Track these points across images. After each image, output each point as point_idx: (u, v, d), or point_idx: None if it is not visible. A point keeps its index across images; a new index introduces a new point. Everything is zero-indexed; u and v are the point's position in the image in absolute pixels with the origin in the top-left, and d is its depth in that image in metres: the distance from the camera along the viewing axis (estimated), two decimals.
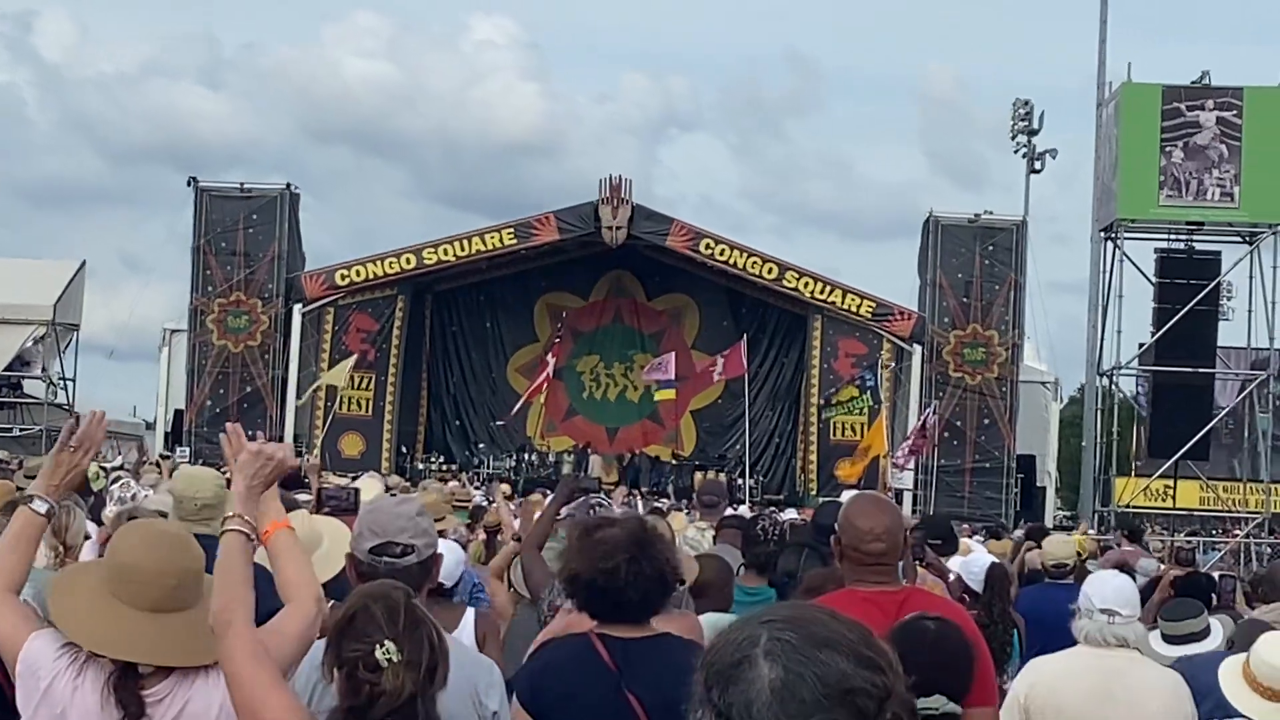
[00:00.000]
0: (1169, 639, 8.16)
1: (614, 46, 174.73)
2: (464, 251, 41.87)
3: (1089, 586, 6.93)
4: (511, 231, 41.83)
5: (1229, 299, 42.34)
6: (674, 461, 43.34)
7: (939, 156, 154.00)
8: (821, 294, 41.48)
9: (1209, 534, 41.53)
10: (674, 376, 40.47)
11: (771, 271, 41.64)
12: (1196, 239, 40.01)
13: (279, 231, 41.40)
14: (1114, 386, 41.88)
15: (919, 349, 40.74)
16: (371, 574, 4.91)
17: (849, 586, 5.84)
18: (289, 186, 42.40)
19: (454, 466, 40.93)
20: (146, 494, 13.65)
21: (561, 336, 44.21)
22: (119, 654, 4.51)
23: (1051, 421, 43.53)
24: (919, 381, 40.50)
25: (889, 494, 31.19)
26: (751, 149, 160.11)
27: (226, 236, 41.42)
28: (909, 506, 36.37)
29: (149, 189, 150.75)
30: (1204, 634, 8.25)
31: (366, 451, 40.53)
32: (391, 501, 5.78)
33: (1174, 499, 41.12)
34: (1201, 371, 39.04)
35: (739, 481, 38.72)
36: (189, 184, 42.07)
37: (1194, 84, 39.53)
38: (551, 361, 41.82)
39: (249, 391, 41.02)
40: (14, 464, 22.92)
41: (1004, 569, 10.70)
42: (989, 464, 40.62)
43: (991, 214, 42.19)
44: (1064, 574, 11.16)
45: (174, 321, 42.82)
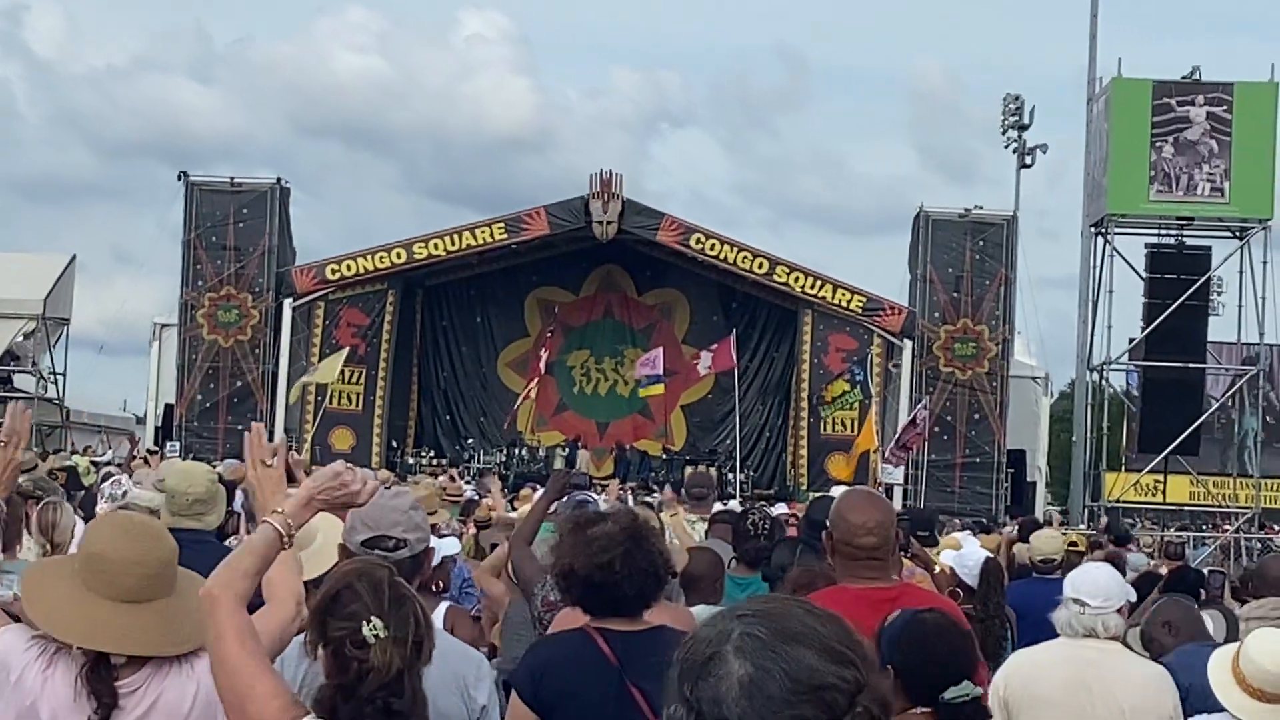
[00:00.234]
0: None
1: (605, 41, 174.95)
2: (455, 246, 41.82)
3: (1067, 578, 6.97)
4: (502, 226, 41.79)
5: (1219, 294, 42.31)
6: (664, 456, 43.32)
7: (929, 151, 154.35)
8: (812, 289, 41.46)
9: (1199, 529, 41.60)
10: (663, 371, 40.43)
11: (762, 266, 41.62)
12: (1187, 234, 40.08)
13: (269, 226, 41.37)
14: (1104, 382, 41.94)
15: (909, 344, 40.72)
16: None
17: (841, 583, 5.83)
18: (279, 181, 42.38)
19: (444, 461, 40.94)
20: (136, 489, 13.64)
21: (554, 332, 44.19)
22: (91, 644, 4.51)
23: (1042, 416, 43.54)
24: (909, 376, 40.50)
25: (879, 489, 31.18)
26: (742, 144, 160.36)
27: (217, 231, 41.38)
28: (899, 501, 36.34)
29: (139, 183, 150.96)
30: None
31: (357, 446, 40.48)
32: (385, 495, 5.77)
33: (1164, 494, 41.25)
34: (1191, 367, 39.11)
35: (729, 476, 38.72)
36: (179, 178, 42.04)
37: (1184, 79, 39.59)
38: (544, 356, 41.79)
39: (239, 386, 40.97)
40: None
41: (998, 564, 10.71)
42: (979, 459, 40.63)
43: (982, 209, 42.19)
44: (1051, 569, 11.15)
45: (164, 316, 42.75)
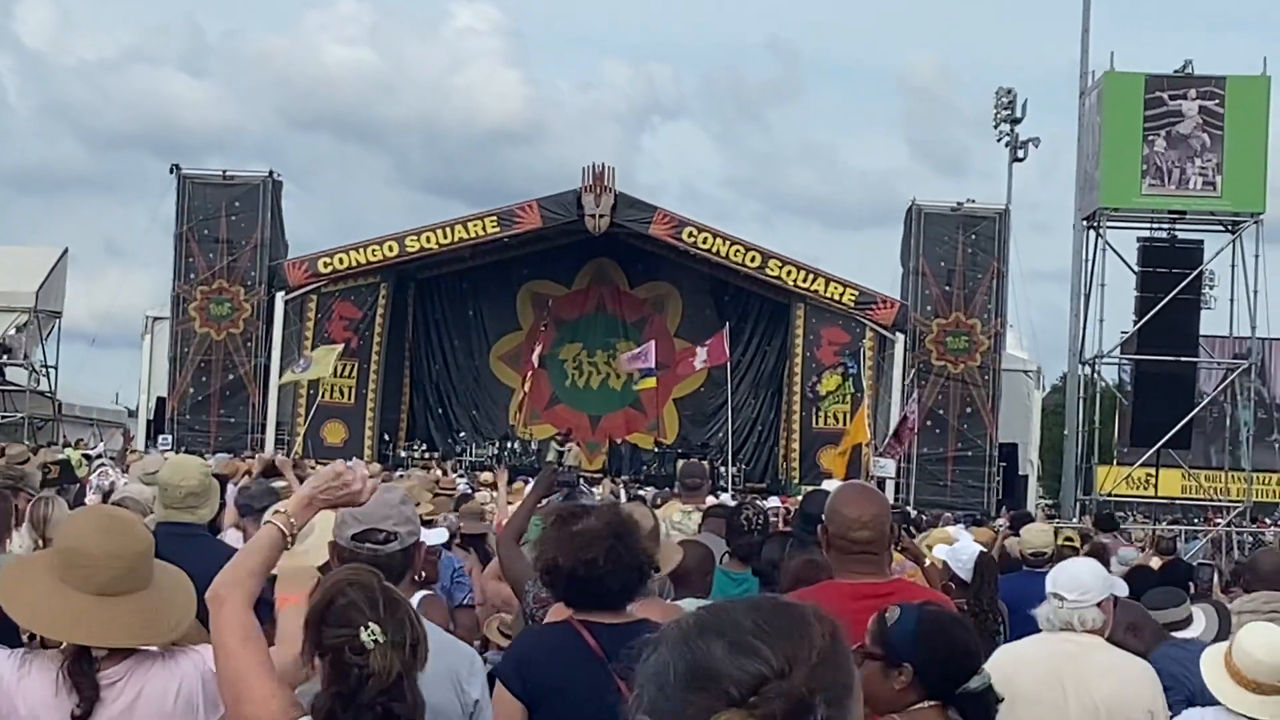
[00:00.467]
0: None
1: (596, 34, 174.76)
2: (447, 239, 41.80)
3: (1049, 573, 6.99)
4: (494, 219, 41.77)
5: (1211, 288, 42.42)
6: (656, 450, 43.31)
7: (921, 145, 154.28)
8: (804, 282, 41.46)
9: (1190, 522, 41.65)
10: (655, 364, 40.40)
11: (754, 260, 41.62)
12: (1179, 228, 40.11)
13: (261, 219, 41.35)
14: (1096, 375, 41.97)
15: (901, 337, 40.74)
16: (354, 561, 4.91)
17: (837, 577, 5.82)
18: (271, 174, 42.38)
19: (436, 454, 40.92)
20: (125, 482, 13.65)
21: (547, 325, 44.17)
22: (71, 638, 4.53)
23: (1034, 410, 43.53)
24: (901, 370, 40.51)
25: (872, 482, 31.20)
26: (734, 137, 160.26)
27: (209, 224, 41.35)
28: (891, 495, 36.38)
29: (130, 176, 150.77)
30: (1186, 622, 8.25)
31: (349, 439, 40.50)
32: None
33: (1156, 487, 41.26)
34: (1183, 360, 39.16)
35: (721, 470, 38.70)
36: (171, 171, 42.03)
37: (1176, 73, 39.60)
38: (536, 349, 41.78)
39: (231, 379, 40.96)
40: None
41: (993, 558, 10.72)
42: (971, 452, 40.65)
43: (974, 203, 42.19)
44: (1042, 562, 11.14)
45: (156, 309, 42.71)
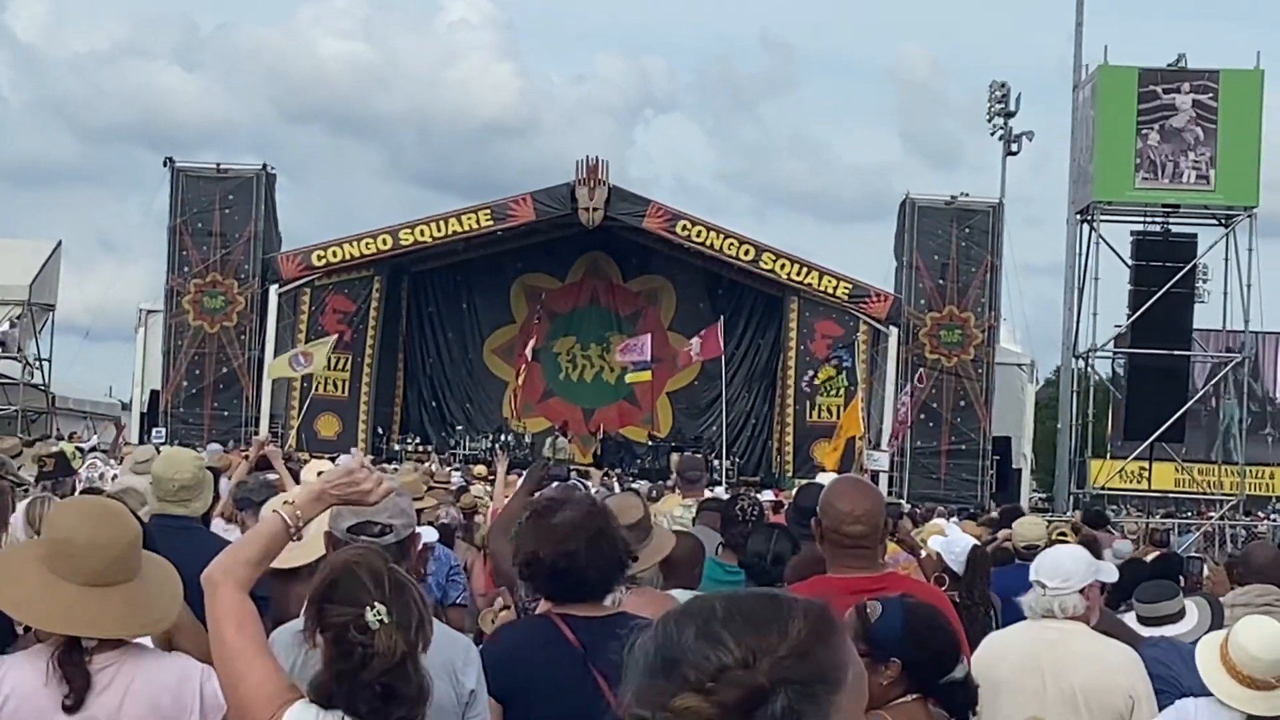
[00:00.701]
0: (1144, 620, 8.17)
1: (589, 27, 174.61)
2: (440, 232, 41.79)
3: (1034, 562, 7.04)
4: (488, 212, 41.75)
5: (1204, 282, 42.37)
6: (650, 443, 43.31)
7: (914, 139, 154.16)
8: (798, 276, 41.47)
9: (1183, 516, 41.68)
10: (649, 358, 40.39)
11: (748, 253, 41.62)
12: (1172, 222, 40.11)
13: (255, 212, 41.32)
14: (1090, 369, 42.00)
15: (895, 331, 40.74)
16: (345, 544, 4.92)
17: (830, 571, 5.84)
18: (265, 167, 42.34)
19: (430, 448, 40.90)
20: (115, 474, 13.65)
21: (540, 318, 44.16)
22: (61, 628, 4.53)
23: (1027, 403, 43.55)
24: (895, 363, 40.52)
25: (865, 475, 31.23)
26: (726, 130, 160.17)
27: (203, 217, 41.32)
28: (884, 488, 36.38)
29: (124, 169, 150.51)
30: (1179, 615, 8.26)
31: (343, 432, 40.48)
32: None
33: (1149, 481, 41.27)
34: (1177, 354, 39.16)
35: (715, 463, 38.70)
36: (165, 164, 41.97)
37: (1170, 67, 39.62)
38: (530, 343, 41.76)
39: (225, 372, 40.94)
40: None
41: (985, 551, 10.72)
42: (965, 446, 40.66)
43: (968, 196, 42.19)
44: (1034, 555, 11.15)
45: (150, 302, 42.66)
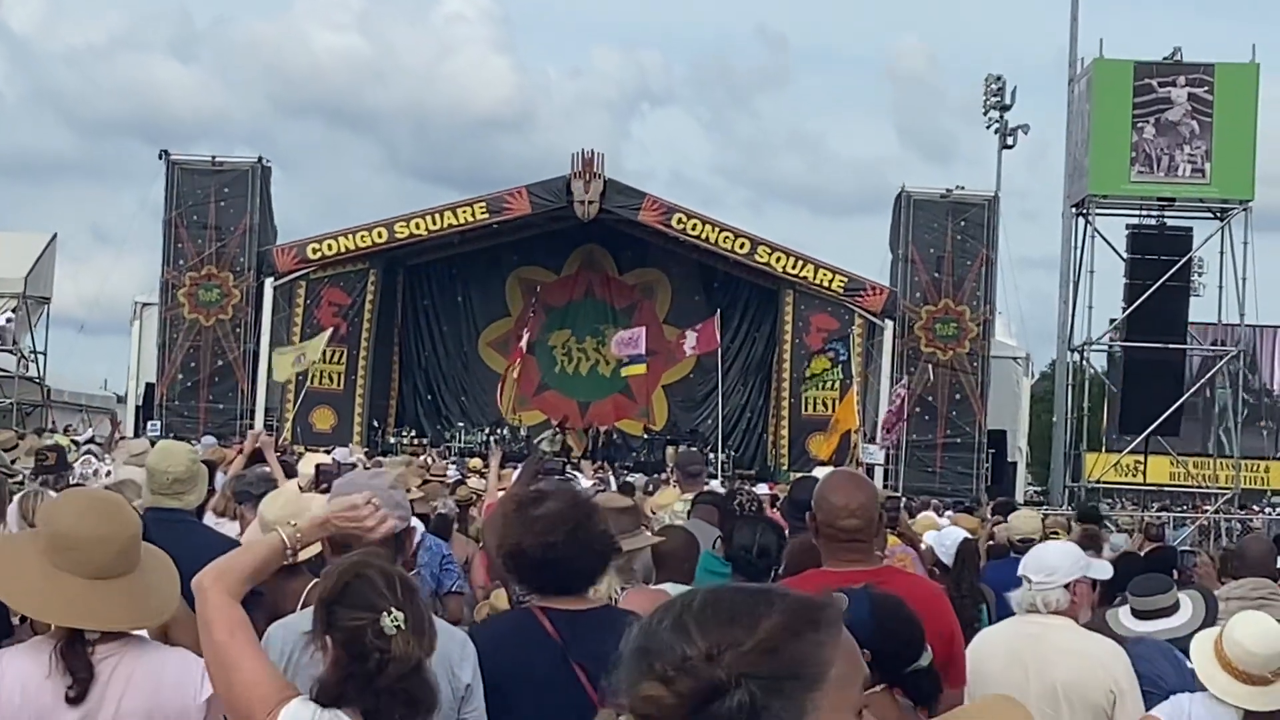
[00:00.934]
0: (1138, 614, 8.16)
1: (585, 20, 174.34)
2: (436, 225, 41.77)
3: (1025, 556, 7.06)
4: (484, 205, 41.74)
5: (1200, 275, 42.39)
6: (645, 436, 43.31)
7: (909, 132, 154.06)
8: (793, 269, 41.47)
9: (1179, 510, 41.69)
10: (644, 351, 40.38)
11: (744, 246, 41.61)
12: (1168, 215, 40.13)
13: (250, 205, 41.30)
14: (1085, 362, 42.00)
15: (890, 324, 40.76)
16: (345, 546, 4.92)
17: (825, 565, 5.85)
18: (261, 160, 42.31)
19: (425, 441, 40.91)
20: (109, 469, 13.64)
21: (535, 311, 44.14)
22: (65, 621, 4.53)
23: (1022, 397, 43.57)
24: (890, 356, 40.53)
25: (860, 469, 31.23)
26: (722, 124, 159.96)
27: (198, 210, 41.30)
28: (880, 481, 36.40)
29: (120, 162, 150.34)
30: (1173, 609, 8.25)
31: (338, 425, 40.48)
32: (365, 475, 5.78)
33: (1144, 474, 41.29)
34: (1172, 347, 39.17)
35: (710, 456, 38.71)
36: (161, 157, 41.95)
37: (1166, 60, 39.62)
38: (525, 337, 41.77)
39: (220, 365, 40.92)
40: None
41: (974, 544, 10.76)
42: (960, 439, 40.69)
43: (963, 189, 42.21)
44: (1029, 549, 11.18)
45: (145, 295, 42.65)
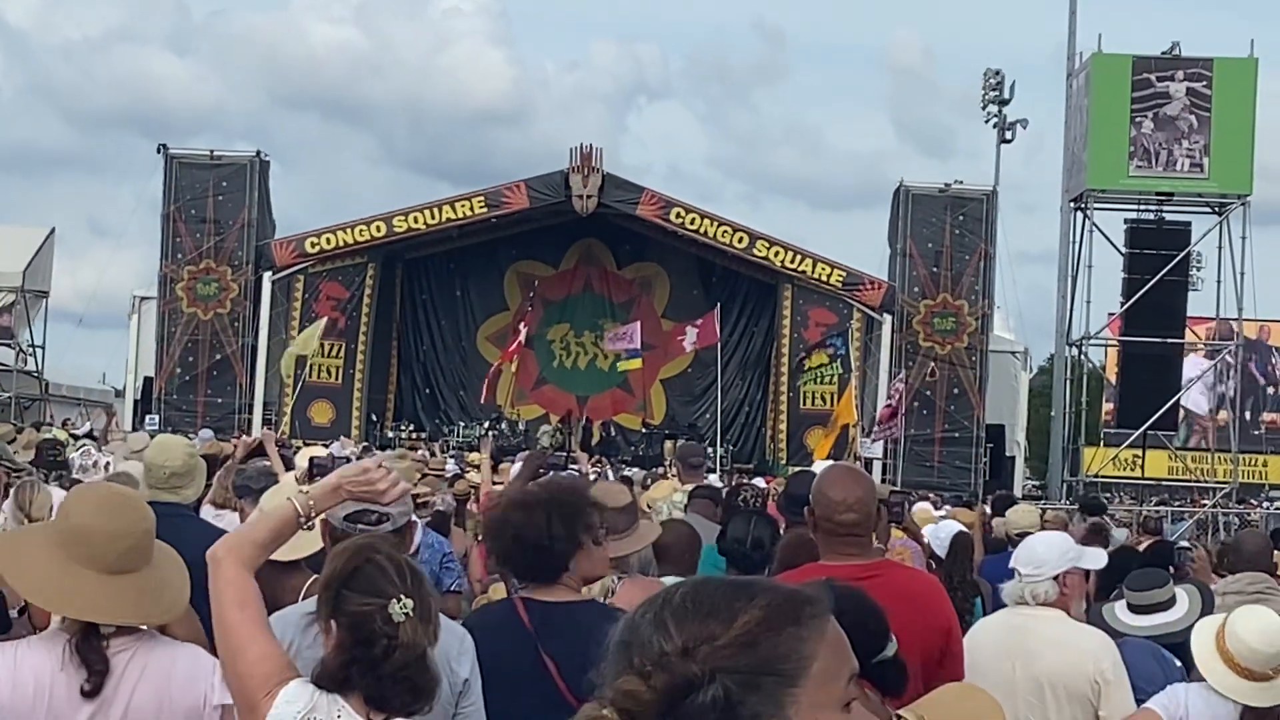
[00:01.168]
0: (1134, 608, 8.20)
1: (582, 13, 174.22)
2: (434, 220, 41.76)
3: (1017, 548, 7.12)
4: (482, 200, 41.73)
5: (1198, 269, 42.43)
6: (644, 430, 43.30)
7: (907, 126, 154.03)
8: (792, 263, 41.46)
9: (1177, 504, 41.74)
10: (640, 345, 40.38)
11: (742, 240, 41.60)
12: (1166, 210, 40.15)
13: (249, 199, 41.28)
14: (1083, 356, 42.04)
15: (889, 318, 40.76)
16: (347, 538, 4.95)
17: (823, 559, 5.87)
18: (259, 154, 42.31)
19: (424, 435, 40.90)
20: (108, 461, 13.66)
21: (533, 305, 44.13)
22: (85, 615, 4.53)
23: (1021, 391, 43.56)
24: (889, 351, 40.54)
25: (859, 463, 31.26)
26: (720, 118, 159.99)
27: (196, 204, 41.28)
28: (878, 476, 36.39)
29: (117, 155, 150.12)
30: (1170, 603, 8.28)
31: (336, 419, 40.47)
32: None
33: (1142, 469, 41.34)
34: (1170, 342, 39.20)
35: (709, 450, 38.71)
36: (159, 151, 41.93)
37: (1164, 55, 39.63)
38: (523, 330, 41.75)
39: (219, 359, 40.91)
40: None
41: (968, 537, 10.81)
42: (958, 433, 40.69)
43: (962, 184, 42.20)
44: None
45: (143, 289, 42.63)
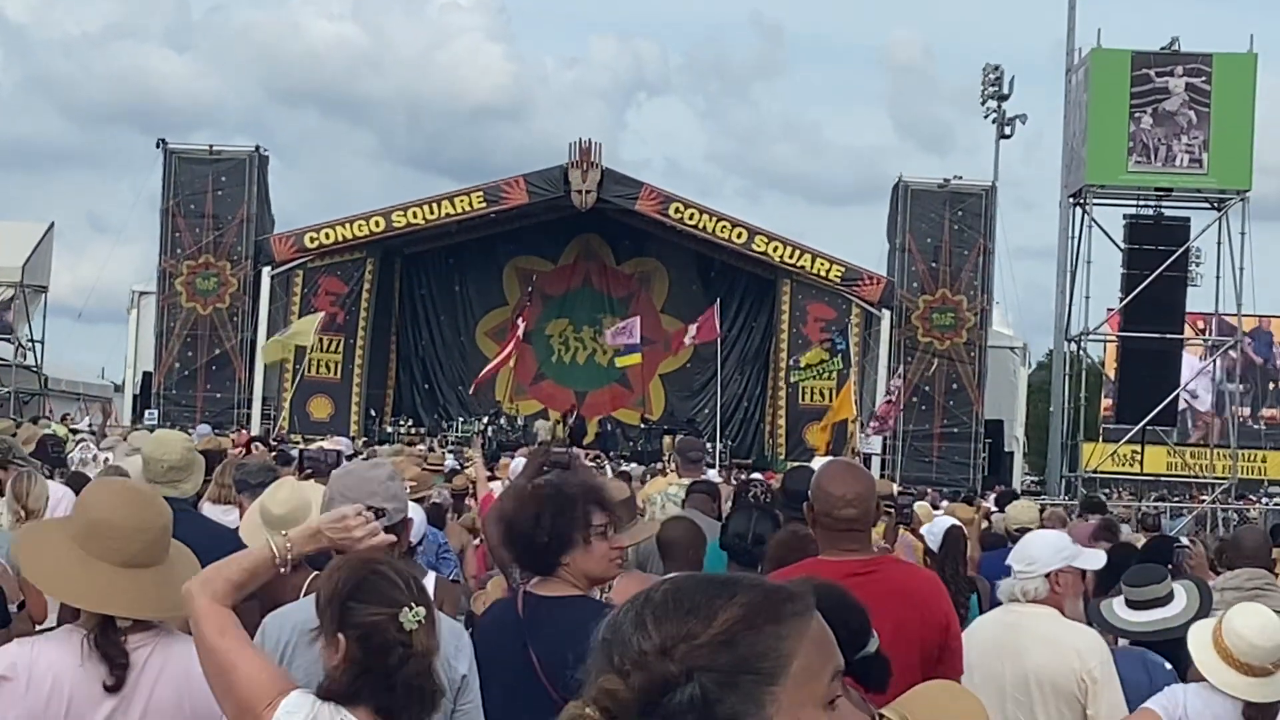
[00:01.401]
0: (1132, 604, 8.18)
1: (581, 9, 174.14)
2: (433, 215, 41.76)
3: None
4: (481, 195, 41.73)
5: (1197, 265, 42.41)
6: (642, 425, 43.32)
7: (906, 121, 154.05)
8: (791, 258, 41.47)
9: (1175, 499, 41.72)
10: (639, 340, 40.39)
11: (741, 236, 41.61)
12: (1165, 205, 40.11)
13: (248, 194, 41.30)
14: (1082, 352, 42.02)
15: (888, 314, 40.77)
16: None
17: (822, 555, 5.87)
18: (258, 149, 42.30)
19: (423, 430, 40.91)
20: (106, 457, 13.68)
21: (531, 300, 44.13)
22: (104, 608, 4.53)
23: (1019, 387, 43.60)
24: (887, 346, 40.55)
25: (857, 459, 31.27)
26: (718, 113, 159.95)
27: (195, 199, 41.29)
28: (877, 471, 36.40)
29: (116, 151, 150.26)
30: (1168, 599, 8.27)
31: (335, 414, 40.47)
32: (363, 466, 5.79)
33: (1141, 464, 41.34)
34: (1169, 337, 39.18)
35: (708, 445, 38.69)
36: (158, 146, 41.94)
37: (1163, 50, 39.58)
38: (521, 326, 41.78)
39: (218, 354, 40.92)
40: None
41: (961, 531, 10.82)
42: (957, 429, 40.72)
43: (960, 179, 42.21)
44: None
45: (142, 284, 42.64)
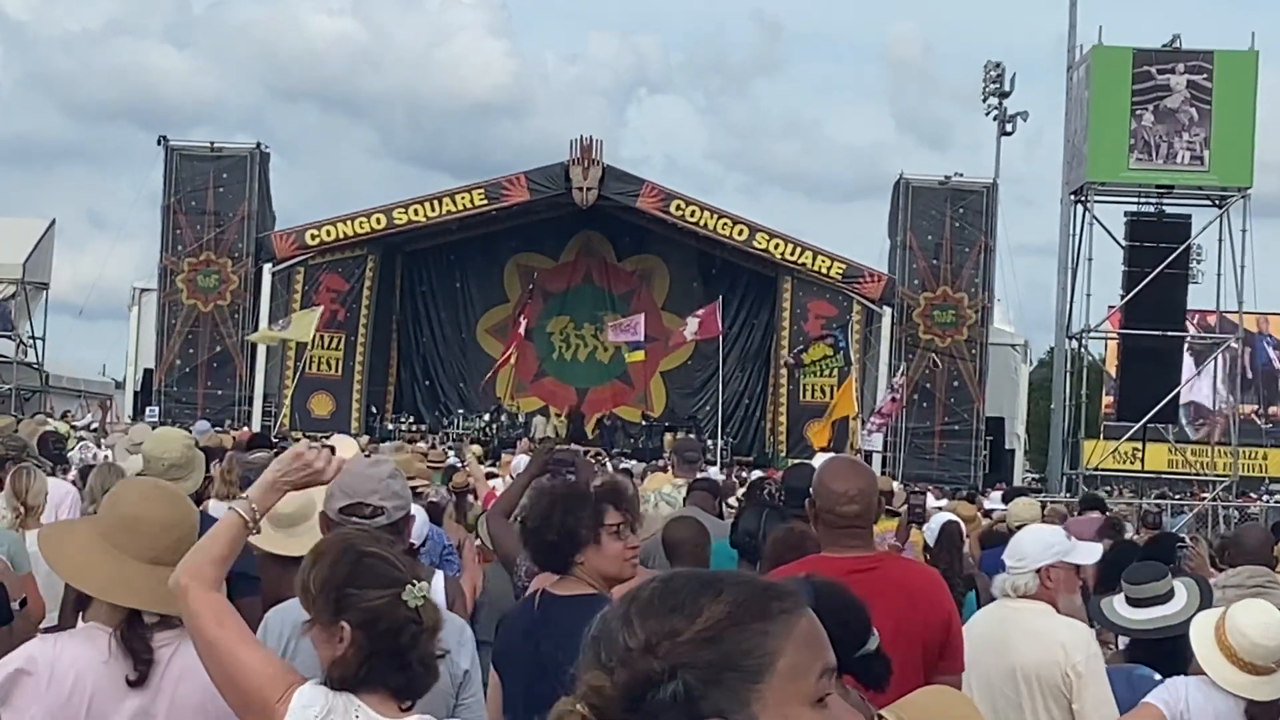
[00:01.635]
0: (1132, 601, 8.18)
1: (582, 6, 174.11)
2: (434, 212, 41.77)
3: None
4: (482, 192, 41.74)
5: (1198, 262, 42.39)
6: (643, 422, 43.32)
7: (907, 118, 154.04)
8: (791, 255, 41.48)
9: (1176, 497, 41.72)
10: (643, 337, 40.39)
11: (742, 233, 41.62)
12: (1166, 202, 40.11)
13: (249, 191, 41.32)
14: (1083, 349, 42.02)
15: (889, 311, 40.78)
16: (338, 526, 4.96)
17: (825, 551, 5.87)
18: (259, 146, 42.32)
19: (423, 427, 40.91)
20: (107, 455, 13.67)
21: (532, 297, 44.13)
22: (132, 602, 4.54)
23: (1020, 384, 43.60)
24: (888, 343, 40.56)
25: (858, 456, 31.24)
26: (719, 110, 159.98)
27: (196, 195, 41.31)
28: (878, 468, 36.40)
29: (117, 147, 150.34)
30: (1168, 596, 8.27)
31: (336, 411, 40.49)
32: (364, 463, 5.79)
33: (1142, 462, 41.35)
34: (1170, 335, 39.18)
35: (709, 442, 38.72)
36: (159, 143, 41.96)
37: (1165, 47, 39.59)
38: (522, 323, 41.77)
39: (219, 351, 40.94)
40: None
41: (957, 527, 10.85)
42: (958, 426, 40.74)
43: (962, 176, 42.22)
44: None
45: (144, 280, 42.65)
